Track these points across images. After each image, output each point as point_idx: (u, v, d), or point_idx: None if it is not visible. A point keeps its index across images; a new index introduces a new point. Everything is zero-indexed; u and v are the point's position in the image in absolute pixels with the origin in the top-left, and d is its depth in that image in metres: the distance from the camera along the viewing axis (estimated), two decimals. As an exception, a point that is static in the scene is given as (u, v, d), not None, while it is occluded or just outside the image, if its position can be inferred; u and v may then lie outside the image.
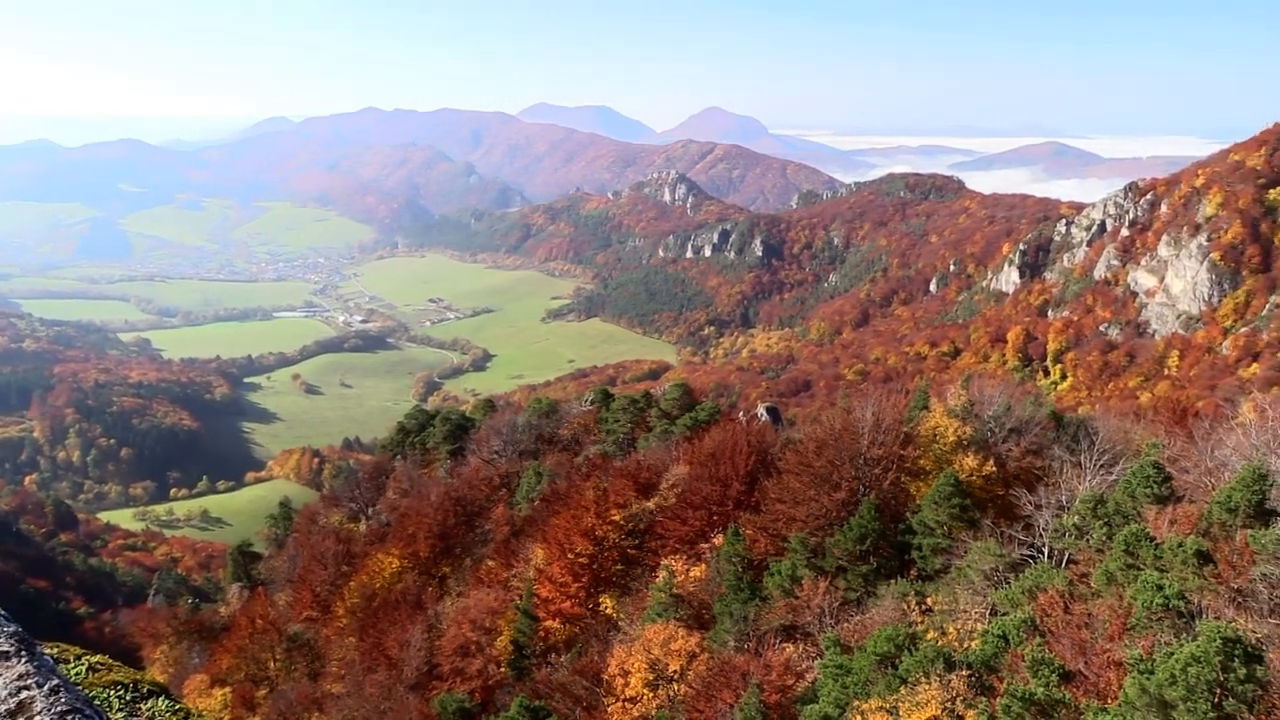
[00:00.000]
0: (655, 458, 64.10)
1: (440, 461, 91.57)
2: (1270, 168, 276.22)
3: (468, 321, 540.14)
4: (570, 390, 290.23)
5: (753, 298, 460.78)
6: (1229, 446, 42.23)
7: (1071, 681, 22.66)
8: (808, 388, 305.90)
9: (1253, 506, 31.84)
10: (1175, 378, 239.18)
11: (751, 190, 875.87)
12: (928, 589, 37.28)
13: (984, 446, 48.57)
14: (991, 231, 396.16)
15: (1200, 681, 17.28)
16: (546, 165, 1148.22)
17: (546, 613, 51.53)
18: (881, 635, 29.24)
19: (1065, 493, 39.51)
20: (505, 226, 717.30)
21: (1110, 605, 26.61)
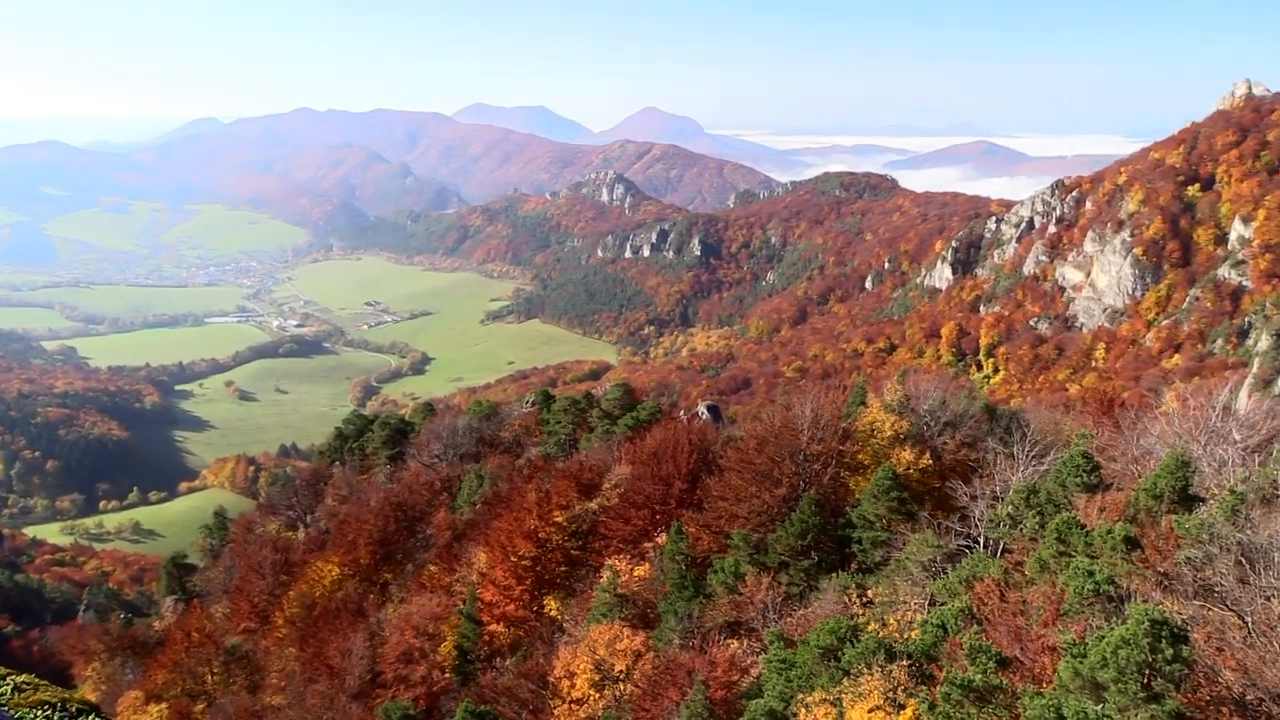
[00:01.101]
0: (597, 458, 64.01)
1: (380, 467, 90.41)
2: (1188, 165, 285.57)
3: (405, 324, 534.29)
4: (511, 392, 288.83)
5: (692, 297, 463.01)
6: (1153, 435, 43.57)
7: (1008, 667, 23.17)
8: (748, 385, 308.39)
9: (1177, 492, 32.89)
10: (1102, 370, 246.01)
11: (689, 190, 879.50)
12: (868, 581, 37.84)
13: (920, 440, 49.42)
14: (924, 229, 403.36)
15: (1130, 663, 17.79)
16: (483, 166, 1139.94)
17: (490, 616, 51.19)
18: (824, 628, 29.59)
19: (999, 483, 40.39)
20: (442, 228, 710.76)
21: (1044, 592, 27.26)
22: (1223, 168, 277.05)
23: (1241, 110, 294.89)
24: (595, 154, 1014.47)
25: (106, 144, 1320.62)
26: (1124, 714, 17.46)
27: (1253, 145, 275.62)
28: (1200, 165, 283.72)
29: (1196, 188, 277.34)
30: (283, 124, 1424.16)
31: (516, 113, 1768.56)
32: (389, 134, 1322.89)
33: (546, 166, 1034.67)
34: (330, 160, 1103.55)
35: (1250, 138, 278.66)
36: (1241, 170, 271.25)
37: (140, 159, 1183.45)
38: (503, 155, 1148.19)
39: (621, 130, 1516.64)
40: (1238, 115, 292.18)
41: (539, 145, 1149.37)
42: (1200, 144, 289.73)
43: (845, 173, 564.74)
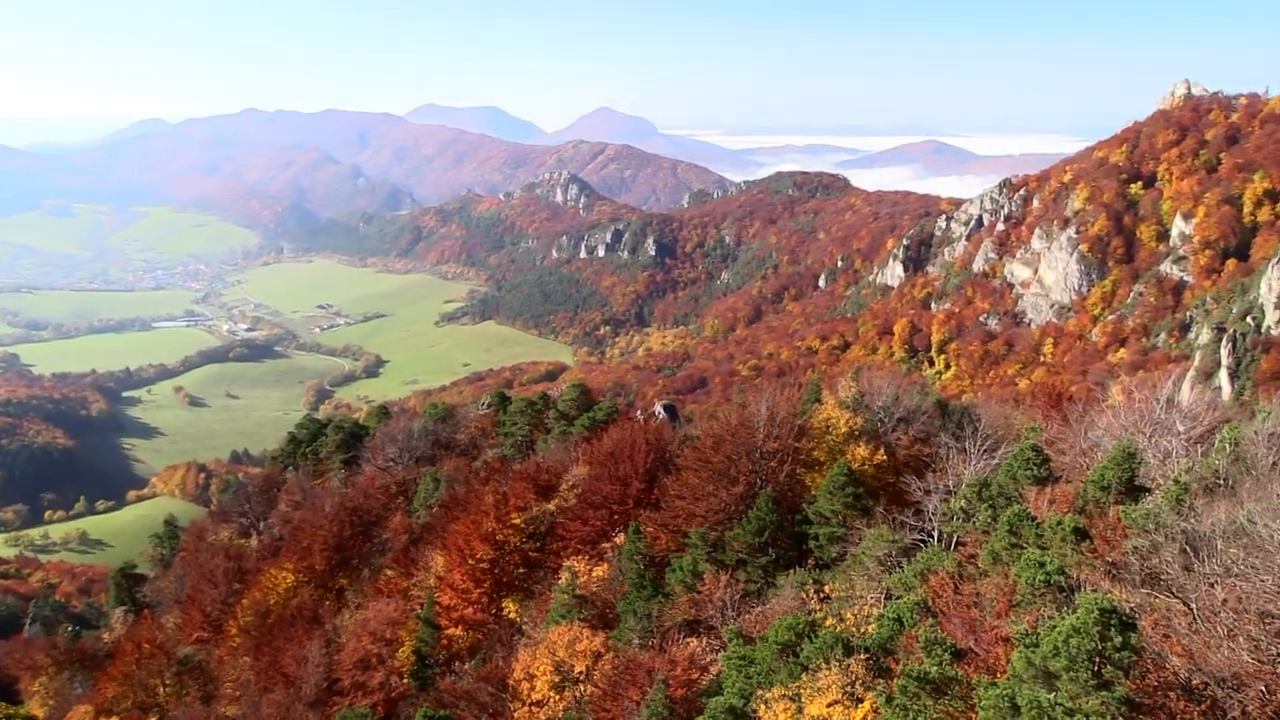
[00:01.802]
0: (554, 459, 63.87)
1: (334, 471, 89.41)
2: (1131, 164, 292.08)
3: (359, 327, 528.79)
4: (466, 394, 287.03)
5: (647, 296, 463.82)
6: (1101, 428, 44.52)
7: (963, 659, 23.49)
8: (704, 384, 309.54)
9: (1124, 484, 33.62)
10: (1050, 364, 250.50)
11: (643, 190, 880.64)
12: (825, 577, 38.16)
13: (874, 436, 49.97)
14: (876, 227, 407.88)
15: (1081, 652, 18.14)
16: (436, 167, 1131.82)
17: (449, 620, 50.83)
18: (782, 624, 29.78)
19: (952, 478, 40.96)
20: (395, 230, 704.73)
21: (997, 584, 27.69)
22: (1164, 166, 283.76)
23: (1181, 110, 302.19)
24: (549, 154, 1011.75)
25: (48, 145, 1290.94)
26: (1075, 702, 17.79)
27: (1192, 144, 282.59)
28: (1142, 164, 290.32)
29: (1139, 186, 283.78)
30: (231, 125, 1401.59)
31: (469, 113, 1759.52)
32: (340, 135, 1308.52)
33: (500, 167, 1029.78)
34: (280, 161, 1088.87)
35: (1189, 137, 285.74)
36: (1181, 168, 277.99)
37: (84, 161, 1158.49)
38: (456, 156, 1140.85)
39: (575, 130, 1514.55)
40: (1177, 115, 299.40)
41: (492, 145, 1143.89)
42: (1142, 143, 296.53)
43: (798, 172, 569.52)
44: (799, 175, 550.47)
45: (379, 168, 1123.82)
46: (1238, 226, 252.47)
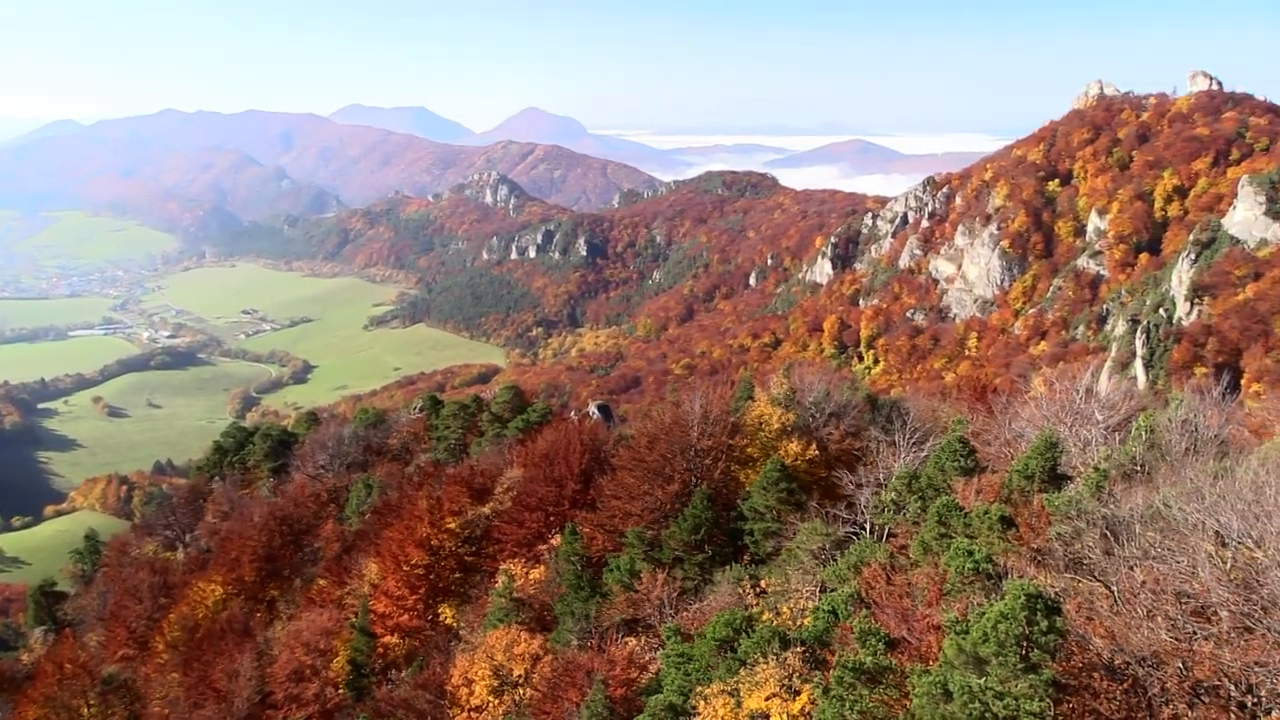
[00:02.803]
0: (489, 462, 63.50)
1: (262, 480, 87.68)
2: (1048, 162, 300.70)
3: (285, 332, 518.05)
4: (398, 399, 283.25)
5: (579, 297, 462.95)
6: (1024, 419, 45.75)
7: (897, 648, 23.92)
8: (637, 384, 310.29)
9: (1046, 472, 34.62)
10: (975, 357, 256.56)
11: (573, 190, 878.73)
12: (761, 572, 38.54)
13: (807, 431, 50.64)
14: (805, 226, 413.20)
15: (1009, 636, 18.62)
16: (363, 168, 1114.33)
17: (384, 628, 50.19)
18: (720, 620, 30.02)
19: (882, 470, 41.72)
20: (322, 232, 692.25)
21: (927, 573, 28.27)
22: (1079, 164, 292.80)
23: (1095, 109, 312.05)
24: (478, 155, 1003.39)
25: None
26: (1005, 685, 18.25)
27: (1105, 142, 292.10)
28: (1059, 161, 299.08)
29: (1056, 183, 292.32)
30: (148, 126, 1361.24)
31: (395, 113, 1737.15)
32: (262, 136, 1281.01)
33: (428, 168, 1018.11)
34: (200, 163, 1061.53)
35: (1103, 135, 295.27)
36: (1096, 166, 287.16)
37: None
38: (382, 157, 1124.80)
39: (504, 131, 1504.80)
40: (1091, 114, 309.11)
41: (420, 146, 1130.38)
42: (1058, 141, 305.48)
43: (727, 172, 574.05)
44: (728, 175, 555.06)
45: (304, 169, 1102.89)
46: (1149, 222, 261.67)
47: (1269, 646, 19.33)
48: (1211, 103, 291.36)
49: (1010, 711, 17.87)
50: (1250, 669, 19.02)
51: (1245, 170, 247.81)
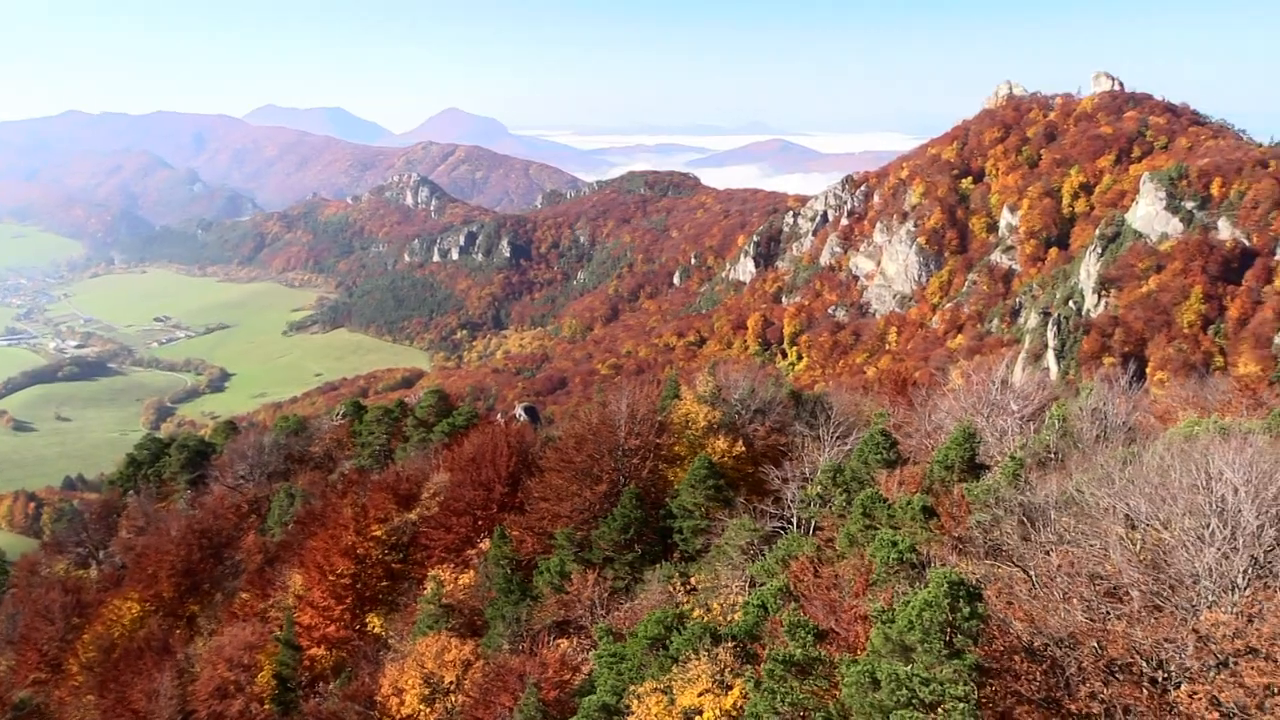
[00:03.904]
0: (414, 467, 62.75)
1: (179, 493, 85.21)
2: (961, 160, 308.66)
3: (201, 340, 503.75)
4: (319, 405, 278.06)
5: (503, 299, 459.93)
6: (943, 411, 46.90)
7: (825, 640, 24.29)
8: (564, 385, 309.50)
9: (965, 462, 35.52)
10: (895, 352, 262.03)
11: (496, 191, 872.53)
12: (691, 569, 38.79)
13: (733, 428, 51.14)
14: (727, 225, 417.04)
15: (934, 624, 19.06)
16: (279, 170, 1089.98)
17: (310, 640, 49.20)
18: (651, 619, 30.12)
19: (808, 465, 42.34)
20: (237, 236, 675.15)
21: (854, 565, 28.77)
22: (990, 162, 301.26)
23: (1004, 109, 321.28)
24: (397, 156, 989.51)
25: None
26: (931, 671, 18.67)
27: (1015, 141, 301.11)
28: (972, 160, 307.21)
29: (969, 181, 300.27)
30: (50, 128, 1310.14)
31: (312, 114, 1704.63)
32: (173, 137, 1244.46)
33: (347, 170, 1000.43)
34: (107, 166, 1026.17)
35: (1012, 134, 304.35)
36: (1007, 164, 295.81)
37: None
38: (299, 159, 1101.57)
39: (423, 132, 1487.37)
40: (1001, 114, 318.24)
41: (338, 148, 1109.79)
42: (971, 140, 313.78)
43: (649, 171, 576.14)
44: (651, 175, 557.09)
45: (217, 172, 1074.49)
46: (1058, 217, 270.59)
47: (1177, 623, 20.13)
48: (1114, 102, 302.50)
49: (936, 696, 18.29)
50: (1160, 645, 19.79)
51: (1146, 167, 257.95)
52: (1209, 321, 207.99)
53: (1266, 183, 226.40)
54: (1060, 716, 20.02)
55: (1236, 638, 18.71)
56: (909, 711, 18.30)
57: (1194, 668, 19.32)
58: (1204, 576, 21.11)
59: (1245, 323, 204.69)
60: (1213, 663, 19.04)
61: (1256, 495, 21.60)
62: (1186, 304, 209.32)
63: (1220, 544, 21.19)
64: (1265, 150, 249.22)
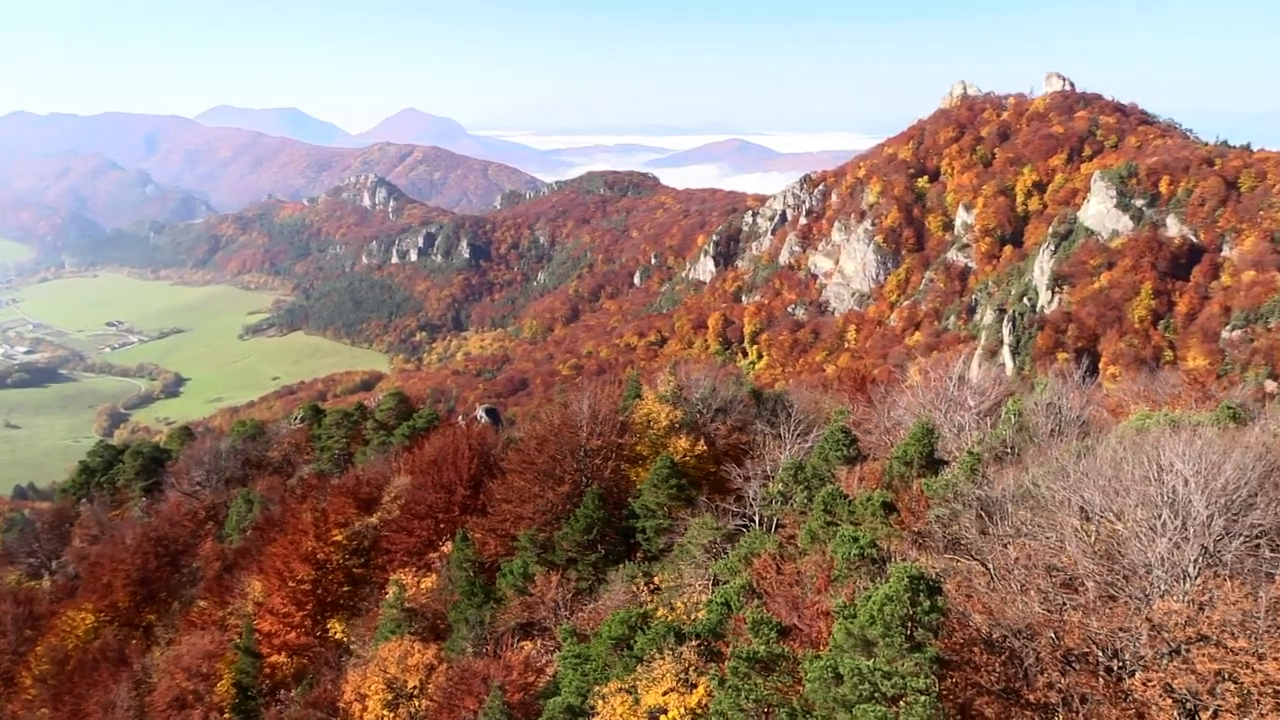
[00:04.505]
0: (375, 471, 62.27)
1: (134, 500, 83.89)
2: (917, 159, 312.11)
3: (155, 344, 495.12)
4: (277, 409, 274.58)
5: (463, 300, 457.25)
6: (901, 407, 47.42)
7: (789, 636, 24.47)
8: (525, 386, 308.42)
9: (924, 458, 35.92)
10: (854, 349, 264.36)
11: (454, 192, 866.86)
12: (654, 569, 38.87)
13: (694, 428, 51.28)
14: (687, 224, 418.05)
15: (895, 618, 19.29)
16: (233, 172, 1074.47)
17: (270, 647, 48.60)
18: (615, 619, 30.14)
19: (769, 463, 42.59)
20: (191, 239, 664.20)
21: (816, 561, 29.00)
22: (946, 161, 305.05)
23: (959, 109, 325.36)
24: (354, 157, 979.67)
25: None
26: (892, 665, 18.89)
27: (969, 140, 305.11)
28: (927, 159, 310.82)
29: (925, 180, 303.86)
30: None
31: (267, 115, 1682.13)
32: (124, 139, 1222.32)
33: (303, 171, 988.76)
34: (55, 169, 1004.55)
35: (967, 134, 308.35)
36: (961, 163, 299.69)
37: None
38: (254, 160, 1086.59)
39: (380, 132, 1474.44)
40: (956, 113, 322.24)
41: (293, 149, 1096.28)
42: (926, 139, 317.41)
43: (609, 171, 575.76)
44: (610, 175, 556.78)
45: (169, 173, 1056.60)
46: (1012, 215, 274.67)
47: (1131, 613, 20.54)
48: (1065, 102, 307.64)
49: (898, 690, 18.50)
50: (1115, 635, 20.18)
51: (1097, 166, 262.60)
52: (1159, 317, 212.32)
53: (1212, 180, 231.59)
54: (1019, 707, 20.35)
55: (1188, 626, 19.13)
56: (871, 705, 18.49)
57: (1148, 656, 19.72)
58: (1156, 566, 21.56)
59: (1194, 317, 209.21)
60: (1166, 650, 19.45)
61: (1206, 486, 22.10)
62: (1137, 300, 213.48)
63: (1172, 534, 21.66)
64: (1211, 149, 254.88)
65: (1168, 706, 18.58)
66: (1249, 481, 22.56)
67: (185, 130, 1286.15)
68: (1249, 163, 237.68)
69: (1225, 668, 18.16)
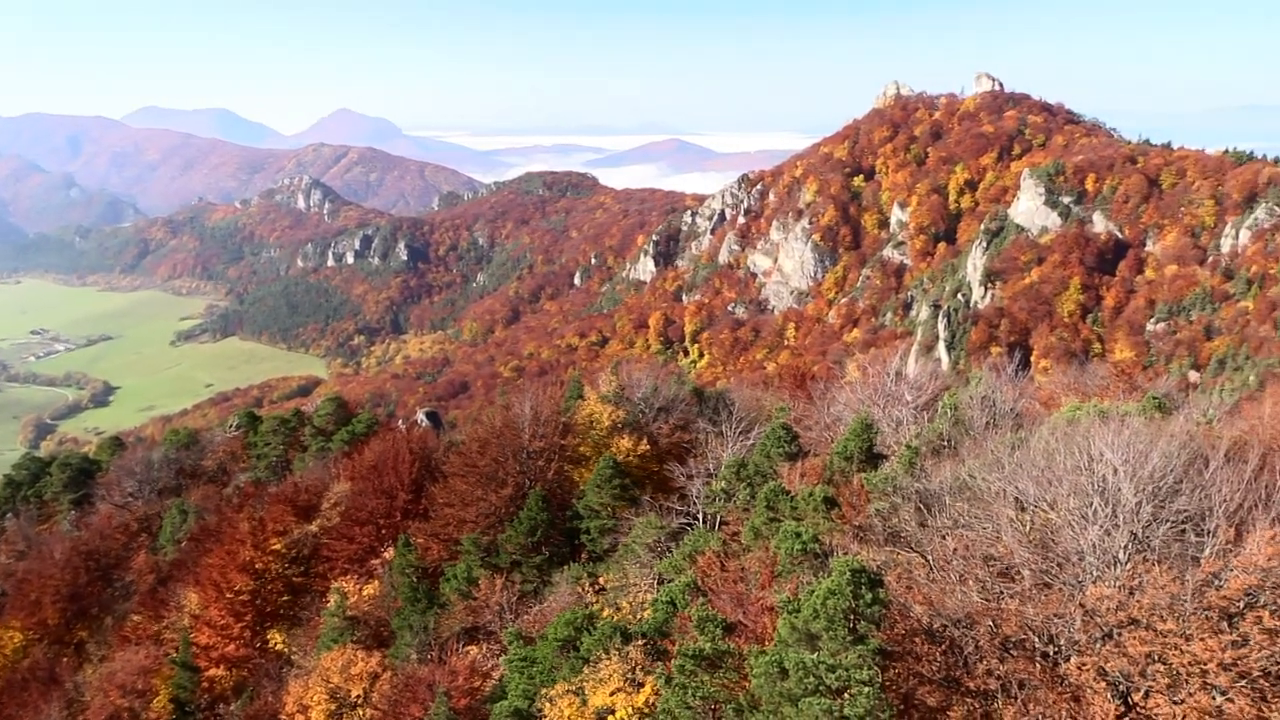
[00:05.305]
0: (314, 478, 61.36)
1: (63, 513, 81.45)
2: (853, 158, 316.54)
3: (82, 352, 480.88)
4: (212, 417, 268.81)
5: (402, 303, 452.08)
6: (841, 403, 48.03)
7: (734, 632, 24.60)
8: (466, 389, 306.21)
9: (864, 452, 36.42)
10: (794, 347, 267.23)
11: (391, 193, 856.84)
12: (599, 569, 38.85)
13: (637, 427, 51.38)
14: (626, 224, 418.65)
15: (838, 611, 19.51)
16: (162, 174, 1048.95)
17: (208, 660, 47.58)
18: (561, 621, 30.06)
19: (712, 461, 42.83)
20: (118, 244, 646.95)
21: (759, 557, 29.21)
22: (880, 160, 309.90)
23: (892, 108, 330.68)
24: (287, 159, 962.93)
25: None
26: (836, 658, 19.10)
27: (903, 140, 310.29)
28: (862, 158, 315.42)
29: (861, 179, 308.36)
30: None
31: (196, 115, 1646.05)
32: (46, 140, 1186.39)
33: (234, 173, 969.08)
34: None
35: (901, 133, 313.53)
36: (896, 162, 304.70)
37: None
38: (184, 162, 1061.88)
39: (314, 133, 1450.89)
40: (890, 113, 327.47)
41: (224, 150, 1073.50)
42: (861, 139, 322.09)
43: (547, 172, 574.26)
44: (549, 175, 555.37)
45: (95, 176, 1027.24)
46: (945, 213, 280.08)
47: (1065, 599, 21.06)
48: (995, 102, 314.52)
49: (842, 682, 18.72)
50: (1051, 621, 20.67)
51: (1026, 164, 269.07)
52: (1087, 310, 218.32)
53: (1136, 178, 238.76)
54: (960, 694, 20.73)
55: (1119, 610, 19.67)
56: (816, 698, 18.69)
57: (1082, 640, 20.23)
58: (1089, 553, 22.14)
59: (1120, 311, 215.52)
60: (1099, 635, 19.98)
61: (1134, 474, 22.75)
62: (1066, 294, 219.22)
63: (1103, 522, 22.25)
64: (1134, 147, 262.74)
65: (1102, 689, 19.09)
66: (1174, 469, 23.28)
67: (111, 132, 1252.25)
68: (1169, 160, 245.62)
69: (1155, 649, 18.71)
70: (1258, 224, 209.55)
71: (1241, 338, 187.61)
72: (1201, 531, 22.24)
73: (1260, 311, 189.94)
